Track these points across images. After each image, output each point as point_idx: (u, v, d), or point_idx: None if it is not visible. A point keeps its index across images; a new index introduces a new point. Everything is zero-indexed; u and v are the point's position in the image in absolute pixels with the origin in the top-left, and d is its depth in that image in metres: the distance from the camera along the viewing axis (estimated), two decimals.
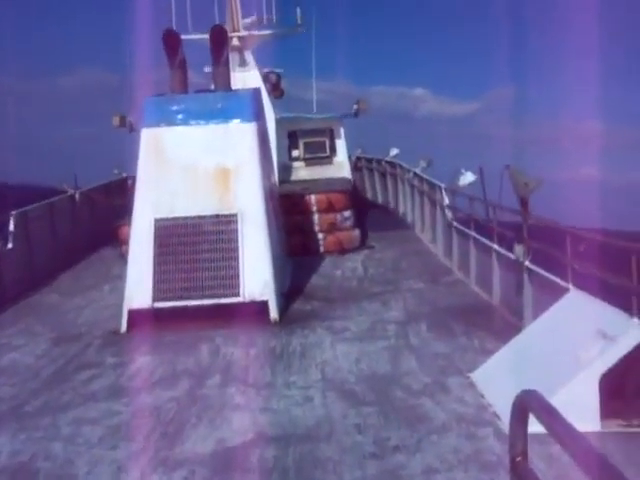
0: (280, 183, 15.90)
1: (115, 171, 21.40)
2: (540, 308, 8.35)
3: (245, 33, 17.99)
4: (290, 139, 18.94)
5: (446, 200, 14.53)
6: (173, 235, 10.64)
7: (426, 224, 16.89)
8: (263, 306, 10.37)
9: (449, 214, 14.24)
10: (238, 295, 10.40)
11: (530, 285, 9.30)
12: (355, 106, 19.06)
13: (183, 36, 12.97)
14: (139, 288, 10.42)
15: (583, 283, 7.73)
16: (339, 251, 15.38)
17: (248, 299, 10.40)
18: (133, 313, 10.31)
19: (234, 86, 12.51)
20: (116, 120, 18.31)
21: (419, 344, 9.08)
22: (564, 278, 8.16)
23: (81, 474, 5.89)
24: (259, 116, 11.77)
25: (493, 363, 7.73)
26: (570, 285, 7.94)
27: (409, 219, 19.30)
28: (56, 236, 15.67)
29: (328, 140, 19.01)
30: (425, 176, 17.21)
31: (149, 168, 10.97)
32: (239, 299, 10.39)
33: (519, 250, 9.50)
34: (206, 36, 12.61)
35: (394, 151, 22.18)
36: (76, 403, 7.57)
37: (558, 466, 5.19)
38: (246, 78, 16.83)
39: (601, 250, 7.71)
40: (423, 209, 17.25)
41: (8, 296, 12.42)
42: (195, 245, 10.62)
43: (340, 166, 19.03)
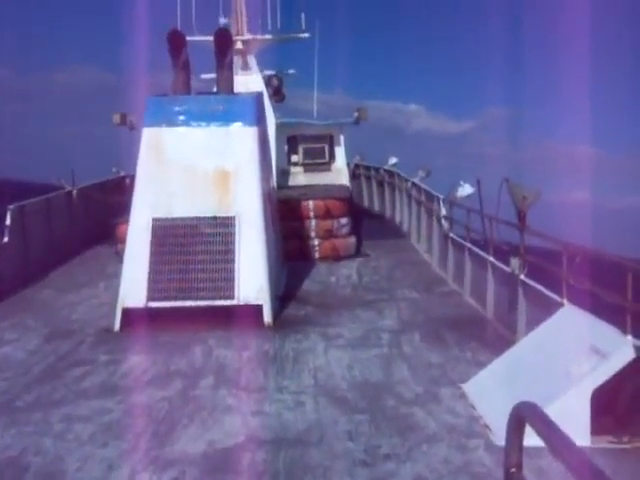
0: (278, 188, 15.91)
1: (114, 169, 21.38)
2: (534, 322, 8.38)
3: (249, 37, 18.04)
4: (289, 144, 18.95)
5: (443, 211, 14.57)
6: (170, 235, 10.65)
7: (422, 234, 16.93)
8: (257, 310, 10.38)
9: (446, 225, 14.28)
10: (233, 298, 10.41)
11: (524, 299, 9.33)
12: (356, 114, 19.09)
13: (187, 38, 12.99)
14: (134, 287, 10.41)
15: (578, 298, 7.77)
16: (334, 258, 15.39)
17: (243, 302, 10.41)
18: (127, 312, 10.30)
19: (236, 89, 12.54)
20: (116, 118, 18.24)
21: (412, 353, 9.10)
22: (559, 293, 8.20)
23: (71, 470, 5.89)
24: (260, 120, 11.80)
25: (485, 375, 7.75)
26: (565, 300, 7.97)
27: (405, 228, 19.34)
28: (52, 232, 15.66)
29: (327, 146, 19.02)
30: (423, 186, 17.26)
31: (149, 167, 10.98)
32: (234, 302, 10.40)
33: (515, 263, 9.53)
34: (210, 38, 12.64)
35: (393, 160, 22.23)
36: (68, 400, 7.57)
37: (548, 479, 5.23)
38: (248, 81, 16.85)
39: (596, 266, 7.75)
40: (420, 219, 17.28)
41: (2, 290, 12.39)
42: (192, 246, 10.63)
43: (339, 173, 19.05)
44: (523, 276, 9.40)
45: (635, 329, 6.63)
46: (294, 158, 18.99)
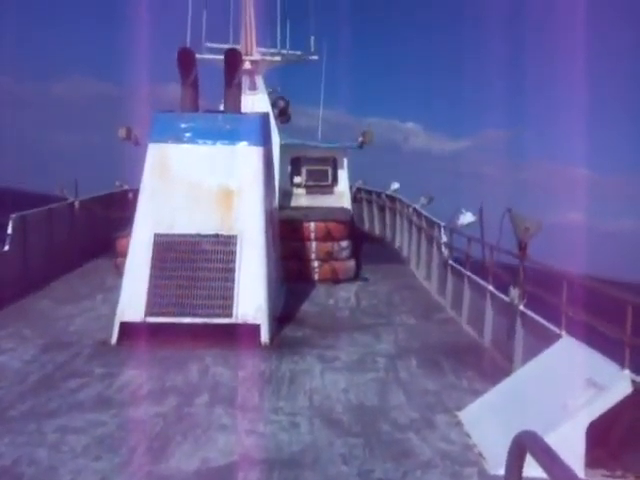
0: (280, 208, 15.96)
1: (117, 183, 21.41)
2: (531, 352, 8.38)
3: (258, 57, 18.17)
4: (293, 165, 19.01)
5: (444, 238, 14.60)
6: (171, 251, 10.67)
7: (422, 260, 16.95)
8: (255, 329, 10.38)
9: (445, 252, 14.31)
10: (231, 316, 10.40)
11: (522, 329, 9.33)
12: (360, 138, 19.17)
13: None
14: (133, 301, 10.42)
15: (576, 330, 7.77)
16: (333, 280, 15.40)
17: (241, 321, 10.41)
18: (125, 325, 10.30)
19: (243, 108, 12.62)
20: (122, 132, 18.26)
21: (408, 379, 9.09)
22: (557, 324, 8.21)
23: None
24: (266, 141, 11.87)
25: (481, 404, 7.74)
26: (563, 332, 7.98)
27: (405, 254, 19.37)
28: (53, 242, 15.67)
29: (331, 169, 19.08)
30: (425, 213, 17.32)
31: (153, 183, 11.03)
32: (232, 320, 10.40)
33: (514, 293, 9.54)
34: (220, 57, 12.75)
35: (395, 185, 22.32)
36: (62, 411, 7.55)
37: None
38: (255, 101, 16.96)
39: (596, 296, 7.75)
40: (420, 245, 17.32)
41: (0, 298, 12.39)
42: (192, 263, 10.65)
43: (341, 196, 19.11)
44: (522, 306, 9.42)
45: (633, 362, 6.63)
46: (297, 179, 19.05)
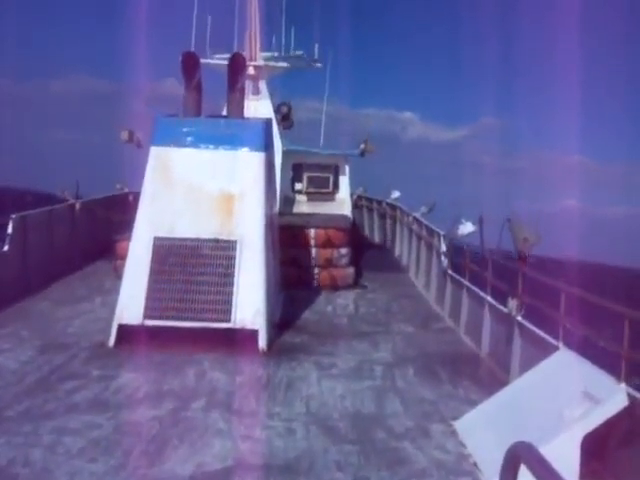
0: (280, 214, 15.98)
1: (117, 186, 21.41)
2: (528, 363, 8.39)
3: (262, 63, 18.21)
4: (295, 171, 19.05)
5: (443, 247, 14.62)
6: (171, 255, 10.69)
7: (421, 269, 16.95)
8: (253, 334, 10.39)
9: (445, 261, 14.32)
10: (229, 321, 10.41)
11: (520, 339, 9.34)
12: (362, 146, 19.20)
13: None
14: (131, 304, 10.42)
15: (573, 342, 7.78)
16: (332, 287, 15.40)
17: (239, 326, 10.41)
18: (123, 328, 10.31)
19: (246, 114, 12.65)
20: (124, 135, 18.21)
21: (405, 387, 9.10)
22: (555, 335, 8.22)
23: None
24: (268, 147, 11.89)
25: (477, 414, 7.75)
26: (560, 343, 7.99)
27: (404, 262, 19.37)
28: (53, 244, 15.66)
29: (332, 176, 19.12)
30: (425, 221, 17.33)
31: (154, 186, 11.05)
32: (230, 325, 10.40)
33: (512, 304, 9.55)
34: (224, 62, 12.78)
35: (396, 193, 22.35)
36: (59, 412, 7.56)
37: None
38: (258, 107, 16.99)
39: (594, 310, 7.75)
40: (419, 254, 17.32)
41: None
42: (192, 267, 10.66)
43: (342, 203, 19.14)
44: (520, 317, 9.43)
45: (629, 375, 6.63)
46: (298, 186, 19.08)
